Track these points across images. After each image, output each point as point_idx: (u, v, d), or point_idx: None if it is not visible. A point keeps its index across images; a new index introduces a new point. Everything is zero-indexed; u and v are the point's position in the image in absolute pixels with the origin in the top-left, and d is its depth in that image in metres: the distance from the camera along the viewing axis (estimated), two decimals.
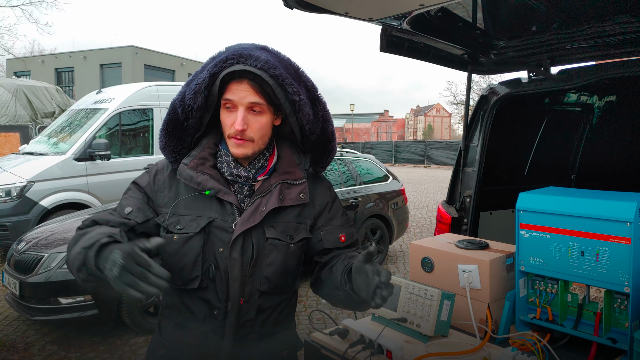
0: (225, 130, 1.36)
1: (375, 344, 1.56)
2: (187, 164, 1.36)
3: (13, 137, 12.08)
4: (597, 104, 3.64)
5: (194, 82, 1.34)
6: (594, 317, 1.56)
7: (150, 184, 1.42)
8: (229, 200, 1.35)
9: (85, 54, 28.77)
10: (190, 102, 1.34)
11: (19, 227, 6.22)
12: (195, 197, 1.36)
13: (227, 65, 1.30)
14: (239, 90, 1.31)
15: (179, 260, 1.35)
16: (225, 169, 1.39)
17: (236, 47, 1.35)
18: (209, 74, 1.31)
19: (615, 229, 1.47)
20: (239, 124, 1.31)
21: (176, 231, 1.35)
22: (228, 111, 1.35)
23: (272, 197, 1.37)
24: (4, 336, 4.42)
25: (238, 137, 1.34)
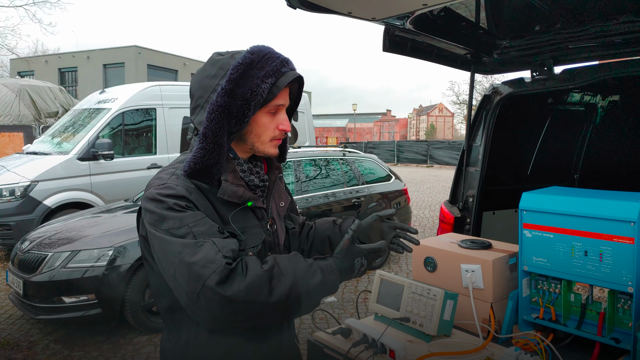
0: (269, 133, 1.37)
1: (378, 344, 1.56)
2: (228, 180, 1.31)
3: (17, 137, 12.12)
4: (600, 103, 3.63)
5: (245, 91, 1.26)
6: (597, 317, 1.56)
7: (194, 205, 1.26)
8: (260, 206, 1.38)
9: (89, 54, 28.84)
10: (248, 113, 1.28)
11: (23, 227, 6.25)
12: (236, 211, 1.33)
13: (281, 74, 1.31)
14: (285, 94, 1.39)
15: None
16: (251, 176, 1.40)
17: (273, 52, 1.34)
18: (269, 85, 1.29)
19: (618, 229, 1.47)
20: (288, 125, 1.39)
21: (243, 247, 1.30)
22: (271, 116, 1.37)
23: (281, 192, 1.50)
24: (8, 335, 4.44)
25: (282, 137, 1.41)
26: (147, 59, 28.16)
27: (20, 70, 29.51)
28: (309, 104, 10.94)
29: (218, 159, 1.27)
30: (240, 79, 1.27)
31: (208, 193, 1.30)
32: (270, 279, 1.17)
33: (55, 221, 5.41)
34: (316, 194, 6.03)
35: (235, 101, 1.26)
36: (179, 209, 1.22)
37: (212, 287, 1.11)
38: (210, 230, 1.20)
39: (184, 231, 1.19)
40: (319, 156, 6.57)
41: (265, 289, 1.15)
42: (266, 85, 1.29)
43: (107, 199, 7.03)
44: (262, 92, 1.28)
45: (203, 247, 1.16)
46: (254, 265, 1.18)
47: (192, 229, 1.19)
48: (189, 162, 1.27)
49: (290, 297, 1.18)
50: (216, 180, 1.30)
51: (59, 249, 4.26)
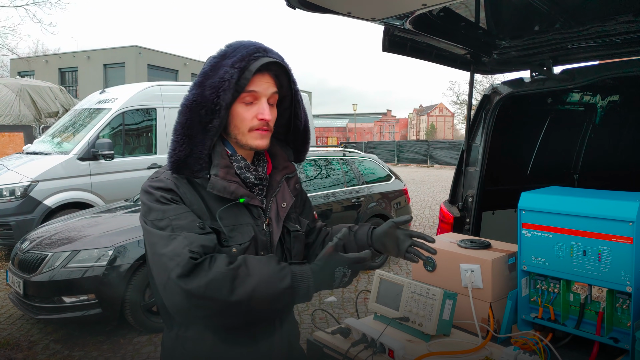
0: (246, 124, 1.33)
1: (378, 343, 1.57)
2: (218, 175, 1.30)
3: (17, 137, 12.12)
4: (600, 103, 3.63)
5: (215, 80, 1.26)
6: (596, 316, 1.56)
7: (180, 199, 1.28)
8: (255, 204, 1.36)
9: (89, 53, 28.85)
10: (218, 100, 1.26)
11: (23, 227, 6.26)
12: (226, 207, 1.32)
13: (253, 59, 1.28)
14: (262, 82, 1.33)
15: None
16: (247, 173, 1.38)
17: (250, 42, 1.33)
18: (237, 69, 1.26)
19: (617, 229, 1.47)
20: (268, 114, 1.33)
21: (228, 243, 1.29)
22: (247, 105, 1.33)
23: (285, 193, 1.45)
24: (8, 335, 4.45)
25: (264, 127, 1.35)
26: (148, 59, 28.17)
27: (21, 70, 29.51)
28: (309, 104, 10.94)
29: (190, 150, 1.28)
30: (211, 70, 1.28)
31: (200, 187, 1.31)
32: (233, 277, 1.17)
33: (55, 221, 5.41)
34: (316, 194, 6.04)
35: (204, 91, 1.27)
36: (164, 202, 1.26)
37: (174, 280, 1.15)
38: (189, 225, 1.23)
39: (165, 223, 1.22)
40: (319, 156, 6.57)
41: (227, 287, 1.16)
42: (235, 70, 1.26)
43: (107, 199, 7.03)
44: (229, 76, 1.25)
45: (174, 241, 1.19)
46: (220, 263, 1.18)
47: (172, 222, 1.22)
48: (168, 159, 1.31)
49: (253, 299, 1.18)
50: (201, 172, 1.30)
51: (59, 248, 4.26)
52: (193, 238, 1.20)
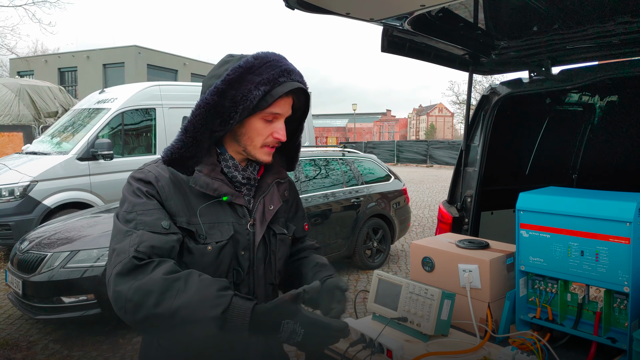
0: (260, 139, 1.36)
1: (376, 343, 1.57)
2: (202, 171, 1.32)
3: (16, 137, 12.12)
4: (598, 104, 3.64)
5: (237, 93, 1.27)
6: (593, 316, 1.57)
7: (156, 194, 1.29)
8: (240, 203, 1.37)
9: (88, 53, 28.83)
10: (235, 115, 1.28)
11: (22, 227, 6.26)
12: (209, 203, 1.33)
13: (278, 83, 1.30)
14: (285, 104, 1.37)
15: (214, 271, 1.29)
16: (235, 172, 1.40)
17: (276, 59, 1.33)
18: (262, 92, 1.28)
19: (615, 229, 1.48)
20: (284, 135, 1.37)
21: (205, 241, 1.30)
22: (266, 122, 1.35)
23: (274, 196, 1.46)
24: (7, 335, 4.45)
25: (275, 145, 1.39)
26: (147, 58, 28.15)
27: (20, 70, 29.50)
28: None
29: (195, 153, 1.30)
30: (235, 82, 1.28)
31: (186, 184, 1.32)
32: (165, 289, 1.11)
33: (54, 221, 5.41)
34: (315, 193, 6.04)
35: (224, 102, 1.27)
36: (138, 194, 1.27)
37: (111, 277, 1.15)
38: (153, 222, 1.22)
39: (131, 217, 1.24)
40: (319, 156, 6.57)
41: (154, 296, 1.10)
42: (259, 92, 1.28)
43: (107, 199, 7.04)
44: (252, 98, 1.27)
45: (128, 238, 1.19)
46: (160, 270, 1.14)
47: (138, 216, 1.23)
48: (167, 150, 1.31)
49: (177, 317, 1.10)
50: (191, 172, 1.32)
51: (58, 249, 4.26)
52: (146, 237, 1.18)
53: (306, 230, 1.66)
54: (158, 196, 1.28)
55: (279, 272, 1.48)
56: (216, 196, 1.32)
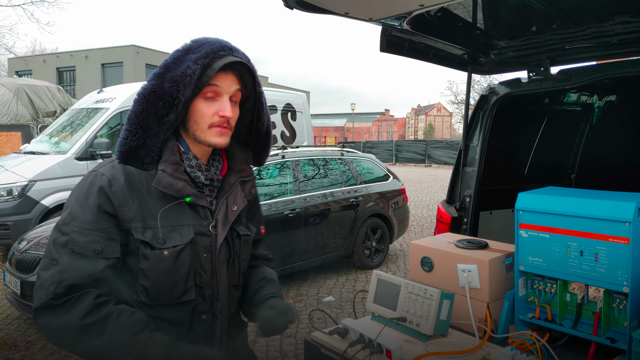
0: (206, 120, 1.30)
1: (375, 343, 1.57)
2: (166, 171, 1.26)
3: (14, 136, 12.10)
4: (597, 103, 3.64)
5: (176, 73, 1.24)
6: (592, 316, 1.57)
7: (105, 202, 1.23)
8: (202, 204, 1.32)
9: (87, 53, 28.80)
10: (177, 95, 1.23)
11: (20, 226, 6.24)
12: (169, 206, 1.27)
13: (217, 57, 1.26)
14: (226, 79, 1.30)
15: (172, 275, 1.27)
16: (197, 172, 1.34)
17: (216, 40, 1.31)
18: (200, 65, 1.24)
19: (614, 229, 1.48)
20: (229, 110, 1.30)
21: (162, 246, 1.25)
22: (208, 101, 1.30)
23: (237, 196, 1.40)
24: (5, 335, 4.44)
25: (224, 125, 1.32)
26: (146, 58, 28.12)
27: (18, 70, 29.45)
28: (307, 103, 10.94)
29: (143, 140, 1.25)
30: (173, 63, 1.26)
31: (144, 185, 1.27)
32: (81, 332, 1.14)
33: (52, 221, 5.39)
34: (314, 193, 6.04)
35: (164, 84, 1.24)
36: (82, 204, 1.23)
37: (33, 308, 1.18)
38: (85, 245, 1.19)
39: (67, 230, 1.20)
40: (317, 156, 6.57)
41: (69, 339, 1.16)
42: (197, 66, 1.23)
43: None
44: (191, 72, 1.23)
45: (51, 269, 1.18)
46: (78, 312, 1.15)
47: (72, 233, 1.20)
48: (117, 146, 1.26)
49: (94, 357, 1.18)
50: (150, 165, 1.27)
51: None
52: (67, 274, 1.16)
53: (262, 234, 1.60)
54: (108, 204, 1.22)
55: (242, 274, 1.45)
56: (179, 197, 1.27)
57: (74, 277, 1.16)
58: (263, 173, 5.73)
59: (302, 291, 5.76)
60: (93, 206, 1.22)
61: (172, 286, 1.27)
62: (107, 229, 1.22)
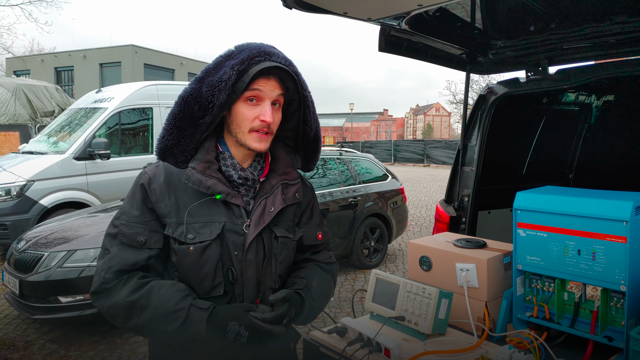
0: (247, 124, 1.34)
1: (374, 342, 1.57)
2: (196, 168, 1.33)
3: (12, 136, 12.08)
4: (595, 103, 3.65)
5: (214, 78, 1.29)
6: (590, 315, 1.57)
7: (147, 198, 1.33)
8: (236, 203, 1.35)
9: (85, 52, 28.75)
10: (212, 99, 1.29)
11: (19, 226, 6.23)
12: (202, 202, 1.33)
13: (254, 62, 1.30)
14: (267, 84, 1.34)
15: (199, 270, 1.32)
16: (232, 172, 1.38)
17: (256, 45, 1.35)
18: (235, 71, 1.28)
19: (611, 228, 1.49)
20: (269, 116, 1.34)
21: (190, 241, 1.31)
22: (250, 105, 1.34)
23: (277, 198, 1.42)
24: (4, 335, 4.43)
25: (264, 130, 1.35)
26: (144, 58, 28.08)
27: (16, 69, 29.38)
28: None
29: (178, 140, 1.34)
30: (213, 68, 1.32)
31: (181, 183, 1.35)
32: (129, 309, 1.26)
33: (51, 221, 5.39)
34: None
35: (202, 88, 1.31)
36: (131, 200, 1.35)
37: (90, 293, 1.32)
38: (131, 237, 1.31)
39: (117, 223, 1.34)
40: None
41: (121, 316, 1.28)
42: (234, 71, 1.28)
43: (104, 199, 7.02)
44: (227, 77, 1.28)
45: (105, 256, 1.32)
46: (124, 291, 1.27)
47: (120, 226, 1.33)
48: (156, 144, 1.38)
49: (145, 330, 1.30)
50: (184, 164, 1.36)
51: (55, 248, 4.25)
52: (115, 261, 1.29)
53: (319, 239, 1.55)
54: (148, 200, 1.33)
55: (279, 277, 1.43)
56: (209, 194, 1.32)
57: (120, 264, 1.28)
58: None
59: None
60: (137, 202, 1.34)
61: (200, 281, 1.33)
62: (149, 222, 1.32)
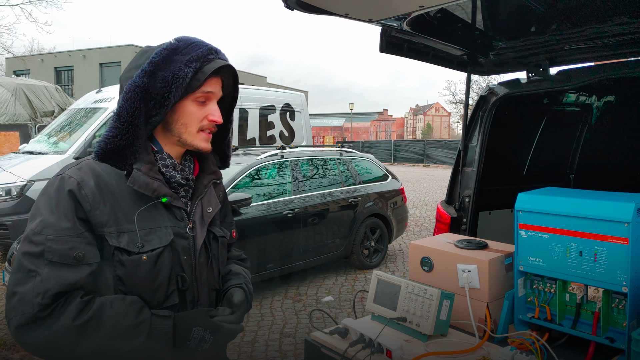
0: (195, 123, 1.29)
1: (375, 343, 1.57)
2: (140, 169, 1.22)
3: (12, 136, 12.08)
4: (595, 104, 3.65)
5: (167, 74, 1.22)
6: (592, 316, 1.57)
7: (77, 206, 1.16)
8: (178, 205, 1.29)
9: (85, 52, 28.76)
10: (169, 96, 1.21)
11: (19, 226, 6.23)
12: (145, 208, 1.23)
13: (207, 60, 1.26)
14: (216, 84, 1.32)
15: (153, 280, 1.22)
16: (173, 172, 1.31)
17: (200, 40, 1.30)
18: (192, 69, 1.23)
19: (613, 230, 1.49)
20: (219, 116, 1.32)
21: (140, 250, 1.19)
22: (199, 104, 1.29)
23: (212, 198, 1.39)
24: (5, 335, 4.43)
25: (211, 129, 1.34)
26: None
27: (16, 69, 29.39)
28: (305, 103, 10.94)
29: (132, 140, 1.20)
30: (162, 62, 1.22)
31: (115, 187, 1.22)
32: (78, 333, 1.10)
33: None
34: (313, 193, 6.04)
35: (155, 83, 1.21)
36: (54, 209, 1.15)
37: (13, 328, 1.10)
38: (65, 253, 1.12)
39: (40, 240, 1.12)
40: (316, 156, 6.58)
41: (67, 345, 1.10)
42: (189, 69, 1.23)
43: None
44: (184, 75, 1.22)
45: (31, 281, 1.10)
46: (68, 315, 1.09)
47: (47, 242, 1.12)
48: (100, 142, 1.20)
49: (100, 354, 1.12)
50: (129, 166, 1.22)
51: None
52: (52, 283, 1.09)
53: (234, 237, 1.56)
54: (80, 208, 1.16)
55: (221, 277, 1.42)
56: (154, 197, 1.23)
57: (59, 286, 1.10)
58: (262, 173, 5.74)
59: (301, 291, 5.76)
60: (66, 211, 1.15)
61: (153, 292, 1.22)
62: (83, 234, 1.15)
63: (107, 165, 1.23)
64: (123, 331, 1.13)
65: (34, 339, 1.09)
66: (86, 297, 1.14)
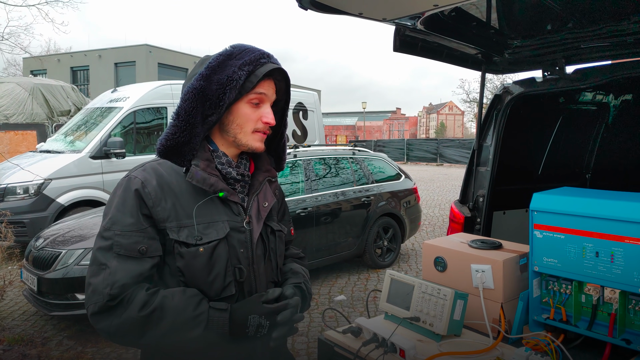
0: (250, 125, 1.37)
1: (389, 343, 1.57)
2: (199, 165, 1.31)
3: (30, 135, 12.28)
4: (612, 102, 3.60)
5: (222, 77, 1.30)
6: (608, 318, 1.56)
7: (142, 204, 1.26)
8: (235, 200, 1.36)
9: (100, 52, 29.09)
10: (224, 97, 1.29)
11: (37, 224, 6.34)
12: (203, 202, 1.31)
13: (260, 64, 1.33)
14: (269, 87, 1.39)
15: (209, 271, 1.29)
16: (229, 169, 1.39)
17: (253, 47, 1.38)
18: (245, 71, 1.31)
19: (630, 230, 1.47)
20: (272, 118, 1.39)
21: (197, 242, 1.28)
22: (253, 106, 1.37)
23: (267, 193, 1.45)
24: (22, 331, 4.51)
25: (266, 131, 1.40)
26: (158, 57, 28.33)
27: (33, 69, 29.83)
28: (318, 102, 10.94)
29: (190, 137, 1.29)
30: (218, 67, 1.31)
31: (176, 185, 1.31)
32: (143, 324, 1.19)
33: (68, 219, 5.47)
34: (325, 192, 6.05)
35: (211, 85, 1.29)
36: (121, 207, 1.25)
37: (89, 314, 1.21)
38: (129, 246, 1.22)
39: (109, 235, 1.23)
40: (329, 155, 6.58)
41: (134, 333, 1.20)
42: (243, 72, 1.30)
43: None
44: (237, 77, 1.30)
45: (101, 273, 1.20)
46: (135, 306, 1.19)
47: (115, 237, 1.23)
48: (161, 140, 1.30)
49: (163, 342, 1.23)
50: (188, 163, 1.31)
51: (73, 246, 4.31)
52: (119, 275, 1.20)
53: (292, 235, 1.62)
54: (144, 205, 1.26)
55: (279, 270, 1.48)
56: (212, 192, 1.31)
57: (126, 278, 1.20)
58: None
59: (314, 290, 5.78)
60: (131, 208, 1.25)
61: (210, 282, 1.30)
62: (146, 229, 1.25)
63: (168, 166, 1.33)
64: (183, 322, 1.21)
65: (106, 326, 1.20)
66: (151, 290, 1.23)
